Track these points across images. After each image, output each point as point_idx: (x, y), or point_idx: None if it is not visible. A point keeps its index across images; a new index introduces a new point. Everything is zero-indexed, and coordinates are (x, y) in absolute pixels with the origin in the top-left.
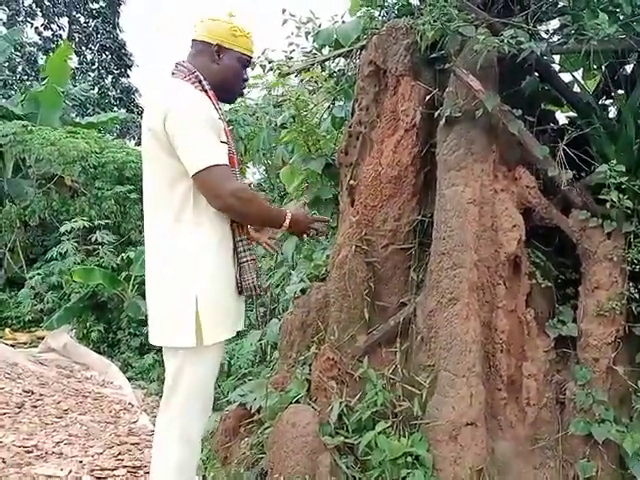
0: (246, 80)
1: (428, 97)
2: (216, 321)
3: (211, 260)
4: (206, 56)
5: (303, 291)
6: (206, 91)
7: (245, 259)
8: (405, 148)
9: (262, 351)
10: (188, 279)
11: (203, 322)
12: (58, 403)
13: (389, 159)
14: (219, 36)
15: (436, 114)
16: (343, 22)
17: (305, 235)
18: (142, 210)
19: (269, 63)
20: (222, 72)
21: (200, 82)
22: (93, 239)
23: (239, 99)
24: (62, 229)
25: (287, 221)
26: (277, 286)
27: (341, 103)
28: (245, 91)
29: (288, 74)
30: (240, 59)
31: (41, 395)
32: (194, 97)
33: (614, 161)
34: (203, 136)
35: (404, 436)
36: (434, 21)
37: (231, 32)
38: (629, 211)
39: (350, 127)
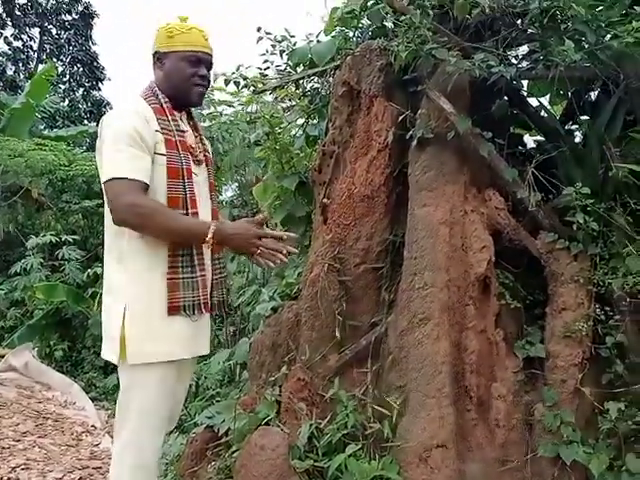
0: (202, 77)
1: (401, 118)
2: (145, 340)
3: (145, 277)
4: (155, 68)
5: (274, 310)
6: (161, 105)
7: (182, 276)
8: (378, 168)
9: (231, 371)
10: (120, 293)
11: (128, 339)
12: (17, 425)
13: (362, 178)
14: (156, 44)
15: (408, 135)
16: (318, 41)
17: (255, 255)
18: None
19: (243, 80)
20: (166, 77)
21: (157, 97)
22: (60, 255)
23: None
24: (29, 244)
25: (210, 234)
26: (247, 304)
27: (315, 122)
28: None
29: (263, 91)
30: (184, 57)
31: None
32: (123, 111)
33: (580, 184)
34: (118, 149)
35: (374, 459)
36: (408, 43)
37: (166, 35)
38: (595, 233)
39: (324, 146)
